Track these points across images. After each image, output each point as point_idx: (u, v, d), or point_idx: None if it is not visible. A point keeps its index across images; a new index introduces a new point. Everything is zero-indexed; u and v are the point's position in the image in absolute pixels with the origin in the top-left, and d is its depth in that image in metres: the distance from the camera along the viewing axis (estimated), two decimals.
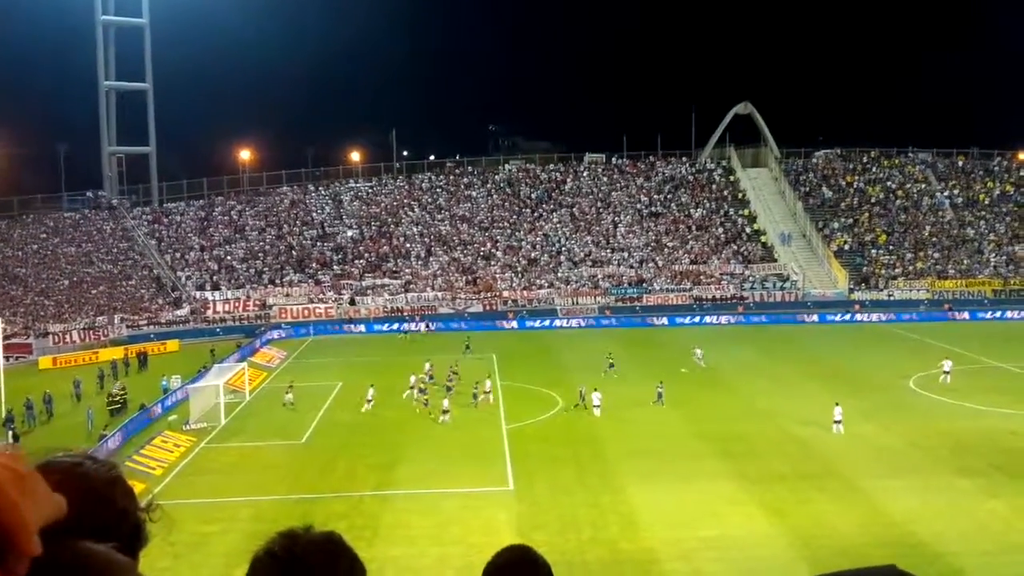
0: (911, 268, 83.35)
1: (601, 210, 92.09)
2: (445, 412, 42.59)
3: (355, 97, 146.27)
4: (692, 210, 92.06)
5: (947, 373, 49.32)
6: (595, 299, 79.85)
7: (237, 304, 77.29)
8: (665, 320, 75.24)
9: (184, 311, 75.25)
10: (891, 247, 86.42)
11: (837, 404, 39.43)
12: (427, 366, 52.54)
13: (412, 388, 47.87)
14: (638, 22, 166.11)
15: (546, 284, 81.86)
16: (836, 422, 38.77)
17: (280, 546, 1.84)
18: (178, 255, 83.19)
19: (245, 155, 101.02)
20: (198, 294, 77.92)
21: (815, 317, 74.89)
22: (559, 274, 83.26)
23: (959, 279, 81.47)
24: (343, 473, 35.32)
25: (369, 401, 45.72)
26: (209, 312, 75.93)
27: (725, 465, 34.88)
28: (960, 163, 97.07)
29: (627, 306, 78.79)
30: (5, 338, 53.57)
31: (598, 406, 42.94)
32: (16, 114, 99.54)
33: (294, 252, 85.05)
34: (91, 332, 68.31)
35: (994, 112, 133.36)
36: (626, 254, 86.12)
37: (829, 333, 68.71)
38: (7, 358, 52.71)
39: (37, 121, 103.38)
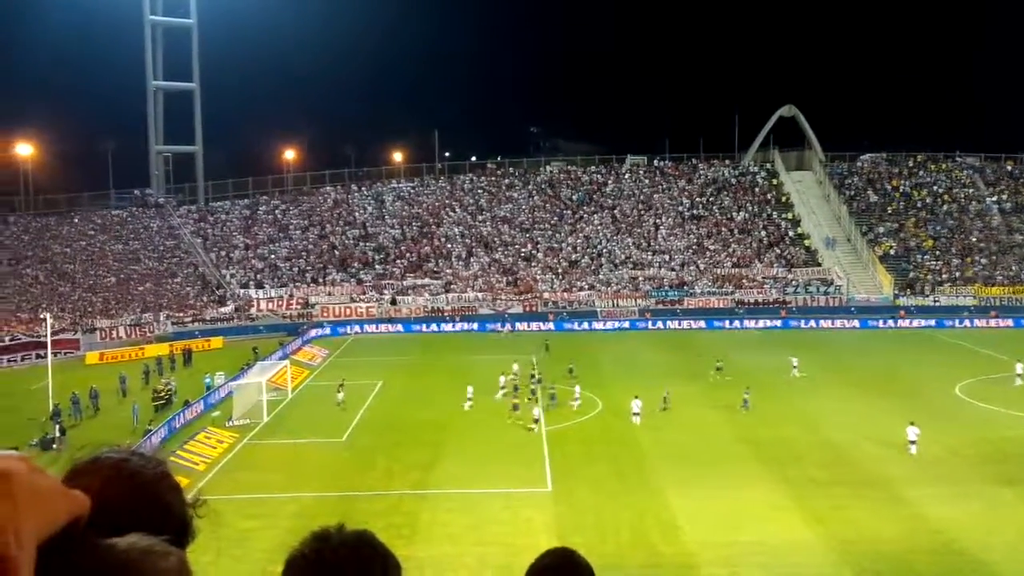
0: (957, 274, 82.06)
1: (642, 212, 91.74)
2: (536, 421, 41.60)
3: (398, 98, 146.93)
4: (734, 213, 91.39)
5: (1020, 375, 49.65)
6: (635, 301, 79.52)
7: (280, 302, 78.02)
8: (703, 323, 74.73)
9: (228, 308, 76.07)
10: (937, 252, 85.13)
11: (912, 424, 36.96)
12: (515, 367, 51.96)
13: (503, 388, 48.19)
14: (683, 23, 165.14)
15: (586, 286, 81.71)
16: (911, 442, 36.24)
17: (310, 548, 1.83)
18: (223, 253, 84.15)
19: (289, 155, 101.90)
20: (242, 292, 78.75)
21: (857, 323, 73.92)
22: (600, 276, 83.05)
23: (1007, 285, 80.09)
24: (383, 471, 35.53)
25: (469, 399, 45.82)
26: (253, 310, 76.70)
27: (766, 470, 34.63)
28: (1009, 168, 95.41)
29: (668, 309, 78.37)
30: (53, 333, 54.53)
31: (637, 414, 41.97)
32: (65, 113, 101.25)
33: (336, 251, 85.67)
34: (137, 328, 69.32)
35: None
36: (667, 257, 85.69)
37: (873, 339, 67.78)
38: (55, 353, 53.65)
39: (86, 120, 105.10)
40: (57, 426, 40.93)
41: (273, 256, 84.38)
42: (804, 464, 35.26)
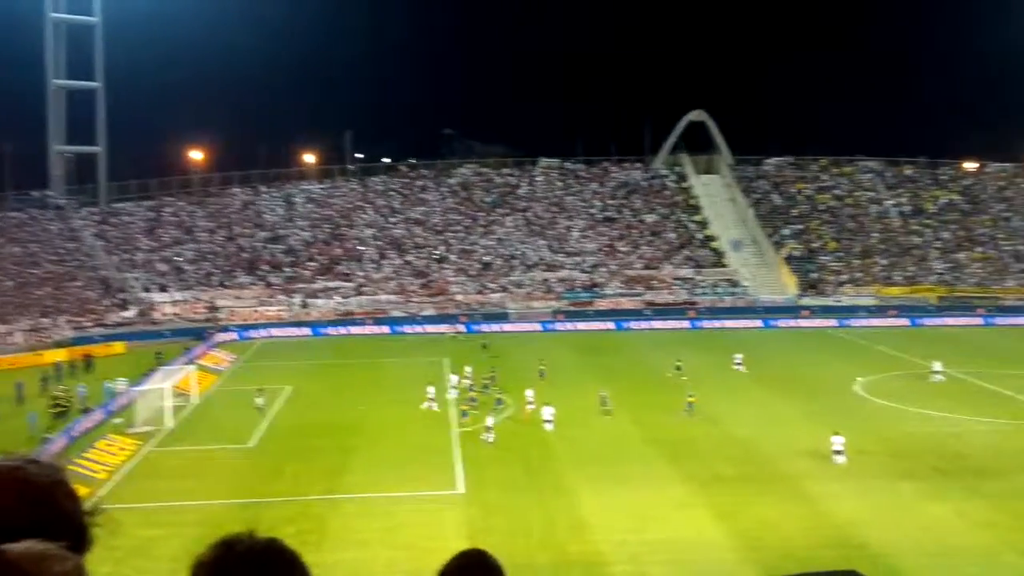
0: (859, 275, 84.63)
1: (555, 214, 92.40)
2: (488, 430, 39.79)
3: (308, 99, 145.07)
4: (645, 216, 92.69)
5: (937, 372, 51.32)
6: (547, 303, 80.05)
7: (185, 306, 76.40)
8: (612, 324, 75.53)
9: (131, 313, 74.20)
10: (839, 254, 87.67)
11: (837, 433, 35.86)
12: (467, 369, 51.41)
13: (455, 388, 47.79)
14: (593, 29, 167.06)
15: (499, 288, 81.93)
16: (836, 452, 35.14)
17: (215, 555, 1.82)
18: (126, 256, 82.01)
19: (196, 156, 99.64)
20: (145, 296, 76.89)
21: (762, 322, 75.58)
22: (512, 278, 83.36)
23: (905, 285, 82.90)
24: (291, 477, 35.01)
25: (430, 399, 45.63)
26: (156, 314, 74.95)
27: (674, 469, 35.15)
28: (908, 172, 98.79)
29: (579, 310, 79.10)
30: None
31: (550, 421, 41.16)
32: None
33: (245, 254, 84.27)
34: (35, 334, 67.09)
35: (940, 121, 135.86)
36: (579, 259, 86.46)
37: (777, 338, 69.32)
38: None
39: None
40: None
41: (178, 259, 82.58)
42: (711, 462, 35.86)
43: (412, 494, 32.74)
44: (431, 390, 46.45)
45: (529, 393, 44.41)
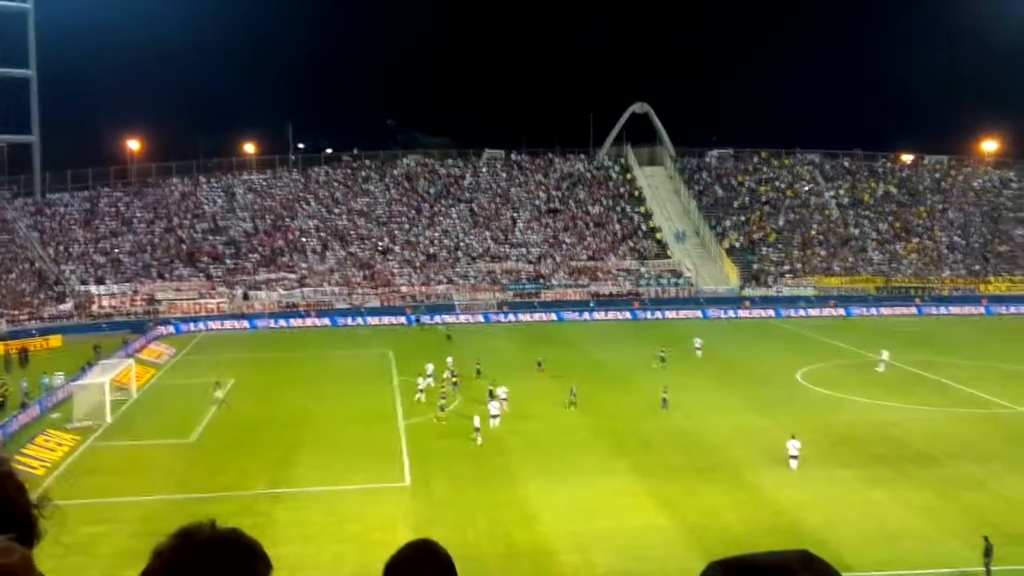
0: (799, 266, 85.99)
1: (500, 206, 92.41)
2: (477, 430, 38.24)
3: (249, 87, 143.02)
4: (590, 207, 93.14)
5: (883, 361, 51.96)
6: (493, 295, 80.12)
7: (124, 299, 75.06)
8: (554, 316, 75.82)
9: (68, 306, 72.72)
10: (780, 245, 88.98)
11: (793, 437, 34.55)
12: (449, 361, 50.52)
13: (430, 376, 47.11)
14: (538, 19, 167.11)
15: (444, 279, 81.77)
16: (792, 457, 33.78)
17: (173, 545, 1.81)
18: (62, 248, 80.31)
19: (134, 145, 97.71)
20: (82, 288, 75.39)
21: (706, 312, 76.36)
22: (457, 269, 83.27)
23: (844, 276, 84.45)
24: (235, 472, 34.67)
25: (420, 391, 45.36)
26: (94, 307, 73.56)
27: (621, 460, 35.46)
28: (846, 164, 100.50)
29: (525, 301, 79.31)
30: None
31: (496, 416, 40.12)
32: None
33: (184, 245, 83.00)
34: None
35: (879, 114, 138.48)
36: (524, 250, 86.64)
37: (721, 329, 70.15)
38: None
39: None
40: None
41: (116, 251, 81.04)
42: (657, 452, 36.27)
43: (359, 487, 32.62)
44: (425, 382, 46.39)
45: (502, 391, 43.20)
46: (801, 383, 49.89)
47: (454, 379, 47.71)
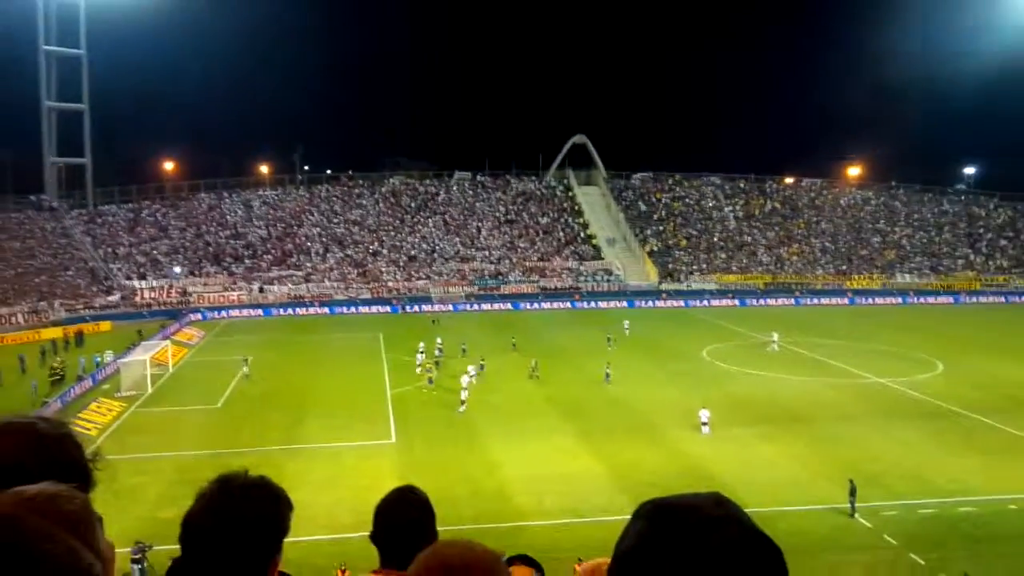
0: (704, 266, 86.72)
1: (467, 217, 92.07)
2: (463, 403, 36.96)
3: (264, 120, 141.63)
4: (539, 218, 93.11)
5: (774, 342, 52.23)
6: (462, 288, 79.90)
7: (161, 292, 73.77)
8: (511, 305, 75.84)
9: (115, 297, 71.30)
10: (689, 250, 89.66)
11: (704, 408, 33.75)
12: (438, 340, 49.98)
13: (422, 352, 46.51)
14: (496, 69, 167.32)
15: (423, 276, 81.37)
16: (703, 424, 33.08)
17: (214, 488, 1.84)
18: (110, 250, 78.72)
19: (169, 166, 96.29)
20: (127, 283, 73.98)
21: (631, 303, 76.79)
22: (433, 268, 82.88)
23: (739, 274, 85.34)
24: (253, 432, 34.26)
25: (419, 365, 44.35)
26: (137, 298, 72.22)
27: (566, 422, 35.52)
28: (742, 185, 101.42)
29: (488, 294, 79.20)
30: None
31: (465, 389, 37.82)
32: None
33: (211, 248, 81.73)
34: (34, 315, 63.91)
35: (767, 145, 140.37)
36: (487, 252, 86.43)
37: (643, 316, 70.50)
38: None
39: None
40: None
41: (155, 252, 79.65)
42: (594, 417, 36.19)
43: (353, 444, 32.40)
44: (421, 357, 45.98)
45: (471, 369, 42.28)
46: (706, 359, 50.28)
47: (438, 357, 47.04)
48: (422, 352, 47.34)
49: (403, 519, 2.44)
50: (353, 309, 74.15)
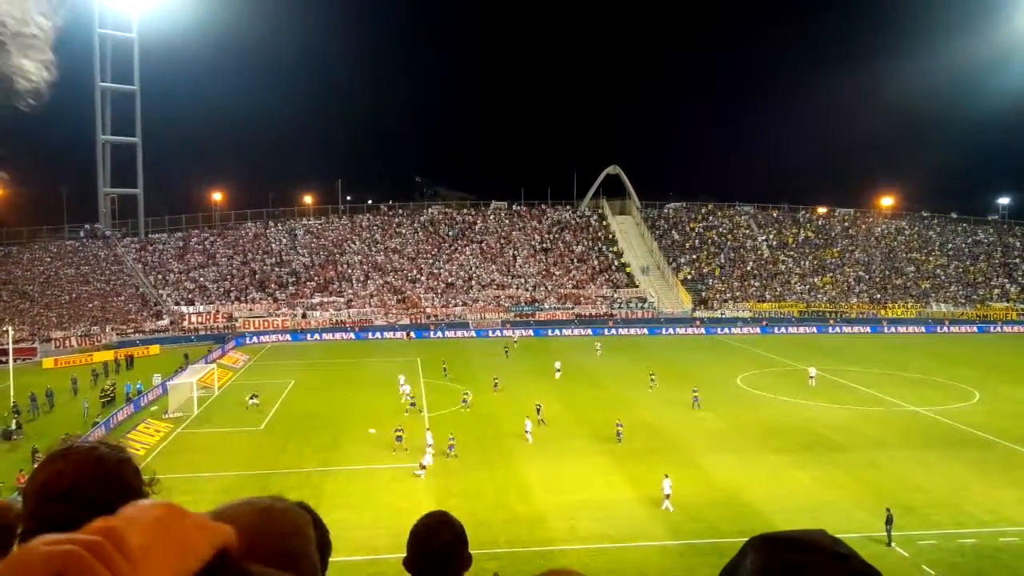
0: (738, 294, 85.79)
1: (504, 246, 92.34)
2: (528, 431, 35.77)
3: (309, 153, 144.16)
4: (574, 247, 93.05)
5: (812, 378, 48.82)
6: (498, 315, 79.92)
7: (208, 317, 74.93)
8: (548, 331, 75.56)
9: (164, 322, 72.58)
10: (723, 278, 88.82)
11: (667, 476, 28.05)
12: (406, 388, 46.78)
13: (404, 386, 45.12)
14: (536, 102, 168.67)
15: (460, 303, 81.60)
16: (666, 496, 27.18)
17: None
18: (160, 277, 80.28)
19: (217, 196, 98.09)
20: (176, 308, 75.27)
21: (664, 330, 76.14)
22: (470, 295, 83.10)
23: (773, 302, 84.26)
24: (294, 453, 34.46)
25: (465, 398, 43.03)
26: (185, 323, 73.41)
27: (598, 445, 35.19)
28: (774, 215, 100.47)
29: (523, 320, 79.10)
30: (14, 343, 50.90)
31: (430, 445, 33.30)
32: (27, 161, 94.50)
33: (256, 275, 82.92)
34: (87, 338, 65.29)
35: (800, 175, 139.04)
36: (523, 280, 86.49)
37: (676, 342, 69.92)
38: (16, 359, 50.08)
39: (45, 166, 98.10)
40: (15, 420, 38.16)
41: (203, 279, 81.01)
42: (626, 439, 35.86)
43: (389, 466, 32.39)
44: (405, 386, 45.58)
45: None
46: (740, 386, 49.60)
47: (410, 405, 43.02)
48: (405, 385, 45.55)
49: (435, 545, 2.44)
50: (391, 334, 74.46)
